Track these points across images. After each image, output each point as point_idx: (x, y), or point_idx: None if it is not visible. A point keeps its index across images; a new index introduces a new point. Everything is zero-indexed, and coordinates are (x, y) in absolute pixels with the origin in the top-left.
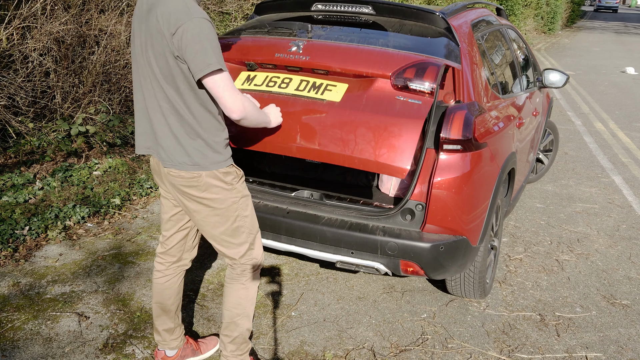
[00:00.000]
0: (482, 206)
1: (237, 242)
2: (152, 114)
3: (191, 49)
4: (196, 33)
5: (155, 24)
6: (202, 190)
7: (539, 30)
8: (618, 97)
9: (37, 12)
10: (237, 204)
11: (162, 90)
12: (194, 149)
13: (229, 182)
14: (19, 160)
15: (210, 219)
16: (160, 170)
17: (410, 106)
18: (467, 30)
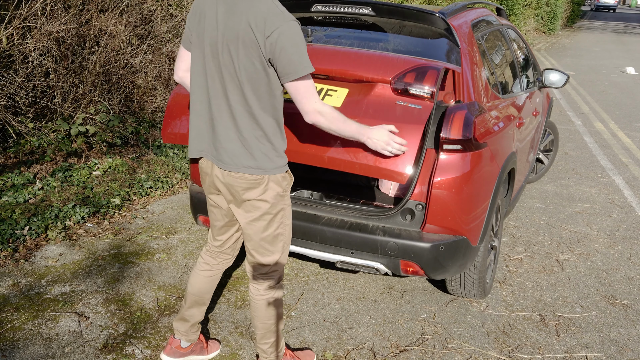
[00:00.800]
0: (482, 206)
1: (273, 249)
2: (217, 115)
3: (286, 52)
4: (291, 36)
5: (243, 27)
6: (261, 192)
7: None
8: (618, 97)
9: (37, 12)
10: (284, 211)
11: (241, 92)
12: (261, 153)
13: (284, 188)
14: (19, 160)
15: (258, 222)
16: (212, 173)
17: (410, 111)
18: (467, 30)
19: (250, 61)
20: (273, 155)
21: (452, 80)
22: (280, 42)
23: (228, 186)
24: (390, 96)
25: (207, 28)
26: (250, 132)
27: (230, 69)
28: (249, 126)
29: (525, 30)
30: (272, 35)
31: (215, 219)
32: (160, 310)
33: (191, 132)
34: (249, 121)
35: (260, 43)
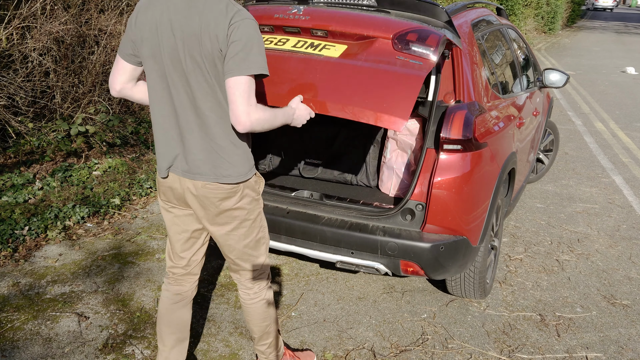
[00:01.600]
0: (483, 206)
1: (257, 253)
2: (187, 127)
3: (233, 48)
4: (246, 31)
5: (203, 29)
6: (237, 200)
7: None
8: (618, 97)
9: (36, 12)
10: (261, 214)
11: (212, 98)
12: (237, 158)
13: (257, 192)
14: (18, 160)
15: (238, 231)
16: (182, 187)
17: (410, 65)
18: (467, 30)
19: (214, 63)
20: (245, 160)
21: (452, 79)
22: (234, 36)
23: (202, 199)
24: (390, 51)
25: (163, 37)
26: (224, 139)
27: (196, 75)
28: (223, 133)
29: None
30: (231, 32)
31: (177, 232)
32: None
33: (158, 149)
34: (222, 128)
35: (222, 43)
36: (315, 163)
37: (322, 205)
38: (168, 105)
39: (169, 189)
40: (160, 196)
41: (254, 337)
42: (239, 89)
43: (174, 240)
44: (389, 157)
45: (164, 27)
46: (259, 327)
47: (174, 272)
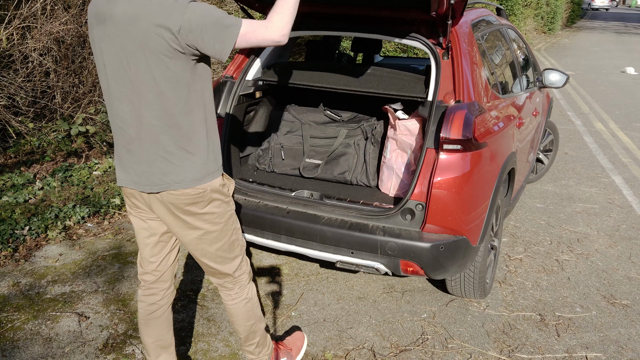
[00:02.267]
0: (482, 206)
1: (232, 256)
2: (145, 134)
3: (207, 30)
4: (202, 12)
5: (146, 29)
6: (204, 205)
7: (539, 30)
8: (618, 97)
9: (37, 12)
10: (233, 216)
11: (158, 102)
12: (190, 164)
13: (226, 194)
14: (19, 160)
15: (209, 235)
16: (146, 196)
17: None
18: (467, 30)
19: (163, 64)
20: (201, 165)
21: (452, 79)
22: (196, 25)
23: (169, 205)
24: None
25: (103, 47)
26: (177, 144)
27: (141, 81)
28: (175, 137)
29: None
30: (184, 25)
31: (145, 236)
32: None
33: (119, 160)
34: (174, 132)
35: (170, 38)
36: (315, 163)
37: (322, 205)
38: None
39: (134, 197)
40: (126, 201)
41: (241, 337)
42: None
43: (142, 245)
44: (389, 157)
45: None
46: (244, 326)
47: (144, 279)
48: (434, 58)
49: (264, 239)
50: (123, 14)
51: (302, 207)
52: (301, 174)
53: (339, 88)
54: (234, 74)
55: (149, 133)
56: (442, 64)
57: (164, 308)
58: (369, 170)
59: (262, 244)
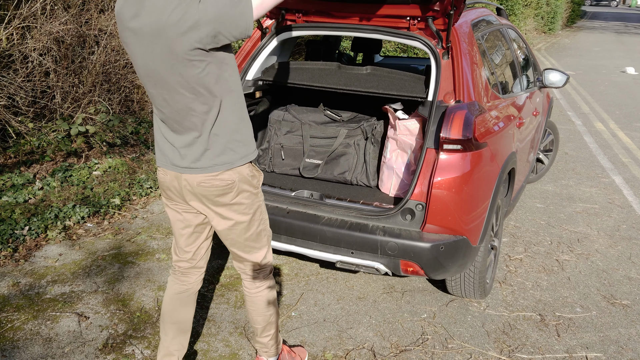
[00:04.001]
0: (482, 206)
1: (259, 245)
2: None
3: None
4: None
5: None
6: (235, 196)
7: (539, 30)
8: (618, 97)
9: (37, 12)
10: (261, 207)
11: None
12: (230, 149)
13: (255, 186)
14: (18, 160)
15: (239, 226)
16: (180, 187)
17: None
18: (467, 30)
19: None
20: (239, 147)
21: (452, 79)
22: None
23: (199, 196)
24: None
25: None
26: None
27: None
28: (208, 123)
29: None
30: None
31: (180, 227)
32: (160, 310)
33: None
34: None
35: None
36: (315, 163)
37: (322, 205)
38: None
39: (169, 187)
40: (162, 194)
41: (257, 328)
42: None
43: (177, 235)
44: (389, 157)
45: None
46: (264, 316)
47: (179, 265)
48: (434, 58)
49: None
50: (149, 26)
51: (302, 207)
52: (301, 174)
53: (339, 88)
54: None
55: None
56: (442, 64)
57: (191, 292)
58: (369, 170)
59: None
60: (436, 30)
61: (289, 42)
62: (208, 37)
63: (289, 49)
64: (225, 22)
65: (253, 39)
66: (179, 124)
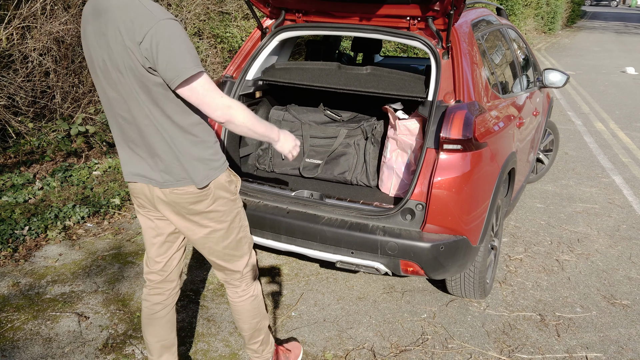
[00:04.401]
0: (483, 206)
1: (240, 253)
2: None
3: (163, 55)
4: (167, 36)
5: (114, 37)
6: (210, 203)
7: (539, 30)
8: (618, 97)
9: (37, 12)
10: (240, 214)
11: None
12: (199, 160)
13: (233, 192)
14: (18, 160)
15: (215, 234)
16: (151, 195)
17: None
18: (467, 30)
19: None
20: (210, 161)
21: (452, 79)
22: (154, 46)
23: (173, 205)
24: None
25: (91, 51)
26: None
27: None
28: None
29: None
30: (145, 40)
31: (152, 236)
32: None
33: (123, 156)
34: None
35: (136, 52)
36: (315, 163)
37: (322, 205)
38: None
39: (140, 193)
40: (133, 200)
41: (245, 335)
42: (194, 92)
43: (148, 244)
44: (389, 157)
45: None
46: (250, 324)
47: (150, 278)
48: (434, 58)
49: (264, 239)
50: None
51: (302, 207)
52: (301, 173)
53: (339, 88)
54: (234, 74)
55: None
56: (442, 64)
57: (169, 308)
58: (369, 170)
59: (262, 244)
60: (436, 30)
61: (289, 42)
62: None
63: (289, 49)
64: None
65: (253, 39)
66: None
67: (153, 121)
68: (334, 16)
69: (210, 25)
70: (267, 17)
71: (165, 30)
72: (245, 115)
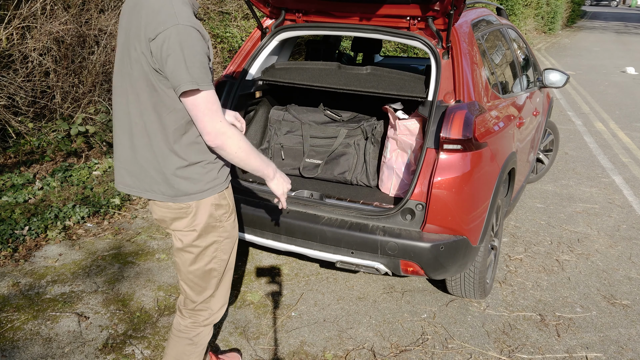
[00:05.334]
0: (483, 206)
1: (205, 285)
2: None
3: (171, 60)
4: (179, 42)
5: (135, 29)
6: (189, 222)
7: (539, 30)
8: (618, 97)
9: (37, 12)
10: (218, 244)
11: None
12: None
13: (217, 218)
14: (18, 160)
15: (185, 254)
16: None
17: None
18: (467, 29)
19: (144, 70)
20: (199, 176)
21: (452, 79)
22: (165, 48)
23: (159, 219)
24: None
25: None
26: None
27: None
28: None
29: (526, 30)
30: (158, 39)
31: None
32: (160, 310)
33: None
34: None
35: (144, 47)
36: (315, 163)
37: (322, 205)
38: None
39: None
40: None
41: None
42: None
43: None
44: (389, 157)
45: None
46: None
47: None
48: (434, 58)
49: (264, 239)
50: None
51: (302, 207)
52: (301, 173)
53: (339, 88)
54: (234, 74)
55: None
56: (442, 64)
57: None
58: (369, 170)
59: (262, 244)
60: (436, 30)
61: (289, 42)
62: None
63: (289, 49)
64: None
65: (253, 39)
66: None
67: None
68: (334, 16)
69: (210, 25)
70: (267, 17)
71: (180, 35)
72: (240, 146)
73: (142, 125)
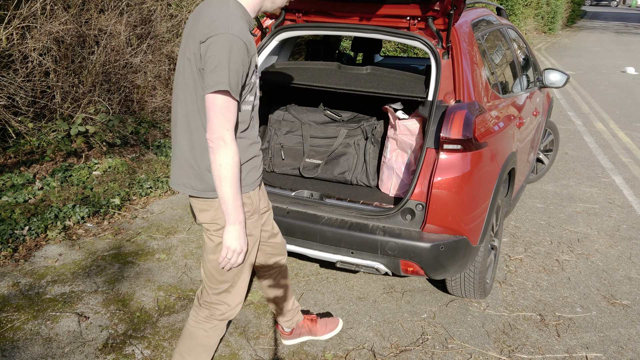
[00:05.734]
0: (483, 206)
1: (221, 279)
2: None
3: (211, 62)
4: (221, 48)
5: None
6: (212, 216)
7: (539, 30)
8: (618, 97)
9: (36, 12)
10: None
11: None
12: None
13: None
14: (18, 160)
15: (207, 240)
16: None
17: None
18: (467, 29)
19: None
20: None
21: (452, 79)
22: (211, 49)
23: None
24: None
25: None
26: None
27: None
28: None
29: (526, 30)
30: (207, 41)
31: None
32: (160, 310)
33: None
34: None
35: (195, 49)
36: (315, 163)
37: (322, 205)
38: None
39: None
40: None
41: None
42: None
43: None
44: (389, 157)
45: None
46: (181, 356)
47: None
48: (434, 58)
49: None
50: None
51: (302, 207)
52: (301, 173)
53: (339, 88)
54: None
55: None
56: (442, 64)
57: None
58: (369, 170)
59: None
60: (436, 30)
61: (289, 42)
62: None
63: (289, 49)
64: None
65: None
66: None
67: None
68: (334, 16)
69: None
70: (267, 16)
71: (225, 42)
72: (227, 164)
73: (187, 122)
